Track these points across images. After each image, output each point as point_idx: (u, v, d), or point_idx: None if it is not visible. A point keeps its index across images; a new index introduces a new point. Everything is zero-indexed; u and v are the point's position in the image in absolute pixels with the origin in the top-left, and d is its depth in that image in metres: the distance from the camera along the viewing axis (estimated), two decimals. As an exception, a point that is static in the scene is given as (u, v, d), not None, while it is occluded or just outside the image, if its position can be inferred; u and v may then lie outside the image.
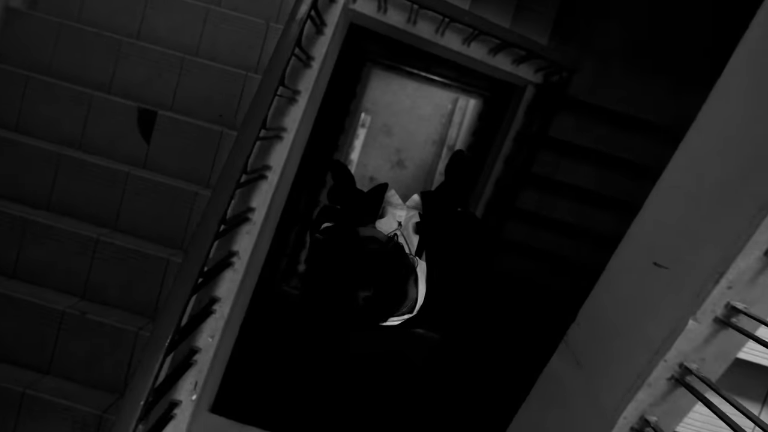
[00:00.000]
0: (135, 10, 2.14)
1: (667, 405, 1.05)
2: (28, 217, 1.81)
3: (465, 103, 4.68)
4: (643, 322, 1.10)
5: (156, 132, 1.97)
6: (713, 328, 0.95)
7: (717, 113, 1.10)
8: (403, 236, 1.12)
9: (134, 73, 2.05)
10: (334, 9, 2.06)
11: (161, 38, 2.13)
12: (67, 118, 1.97)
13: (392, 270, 0.86)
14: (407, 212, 1.25)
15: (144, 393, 1.25)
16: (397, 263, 0.88)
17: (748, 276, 0.90)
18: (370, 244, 0.87)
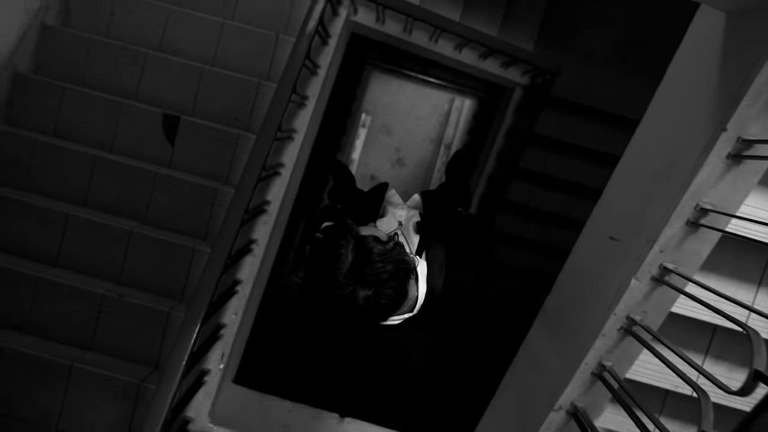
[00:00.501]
0: (157, 25, 2.39)
1: (619, 352, 1.29)
2: (69, 213, 2.05)
3: (461, 103, 4.92)
4: (601, 286, 1.34)
5: (179, 135, 2.22)
6: (651, 286, 1.19)
7: (655, 116, 1.35)
8: (403, 236, 1.15)
9: (158, 82, 2.30)
10: (337, 22, 2.31)
11: (181, 50, 2.38)
12: (100, 123, 2.22)
13: (393, 269, 0.86)
14: (408, 212, 1.27)
15: (185, 355, 1.49)
16: (398, 262, 0.88)
17: (674, 242, 1.14)
18: (371, 243, 0.88)
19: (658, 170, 1.24)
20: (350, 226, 0.92)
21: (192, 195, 2.15)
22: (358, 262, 0.84)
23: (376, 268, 0.84)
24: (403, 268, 0.89)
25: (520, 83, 2.82)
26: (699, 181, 1.08)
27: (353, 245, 0.87)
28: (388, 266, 0.85)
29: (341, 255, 0.85)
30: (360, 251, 0.86)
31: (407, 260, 0.92)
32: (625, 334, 1.26)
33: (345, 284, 0.83)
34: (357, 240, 0.88)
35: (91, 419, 1.91)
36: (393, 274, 0.86)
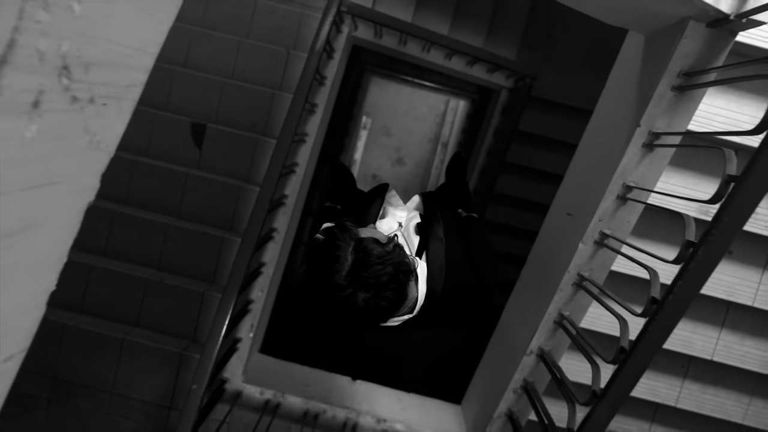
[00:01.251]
0: (181, 44, 2.75)
1: (574, 303, 1.64)
2: (115, 210, 2.42)
3: (456, 104, 5.27)
4: (560, 252, 1.70)
5: (206, 140, 2.58)
6: (594, 248, 1.54)
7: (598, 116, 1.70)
8: (403, 237, 1.16)
9: (185, 94, 2.66)
10: (340, 38, 2.67)
11: (204, 66, 2.74)
12: (136, 132, 2.58)
13: (392, 271, 0.87)
14: (408, 213, 1.29)
15: (224, 324, 1.85)
16: (398, 264, 0.89)
17: (609, 213, 1.49)
18: (370, 245, 0.88)
19: (599, 158, 1.59)
20: (349, 227, 0.92)
21: (219, 192, 2.51)
22: (357, 264, 0.85)
23: (375, 270, 0.85)
24: (403, 270, 0.90)
25: (504, 86, 3.17)
26: (623, 164, 1.43)
27: (353, 247, 0.87)
28: (387, 268, 0.86)
29: (340, 257, 0.86)
30: (359, 253, 0.86)
31: (407, 262, 0.93)
32: (577, 288, 1.61)
33: (344, 286, 0.84)
34: (356, 242, 0.88)
35: (141, 383, 2.28)
36: (393, 276, 0.87)
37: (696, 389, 1.91)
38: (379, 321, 0.91)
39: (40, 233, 0.66)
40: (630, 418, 2.01)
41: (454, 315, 1.08)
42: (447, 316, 1.06)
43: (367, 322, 0.89)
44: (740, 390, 1.91)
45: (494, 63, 2.75)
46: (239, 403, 2.17)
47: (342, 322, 0.89)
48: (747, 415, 1.91)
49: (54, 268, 0.71)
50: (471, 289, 1.07)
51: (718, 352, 1.82)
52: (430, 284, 1.01)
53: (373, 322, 0.90)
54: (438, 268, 1.04)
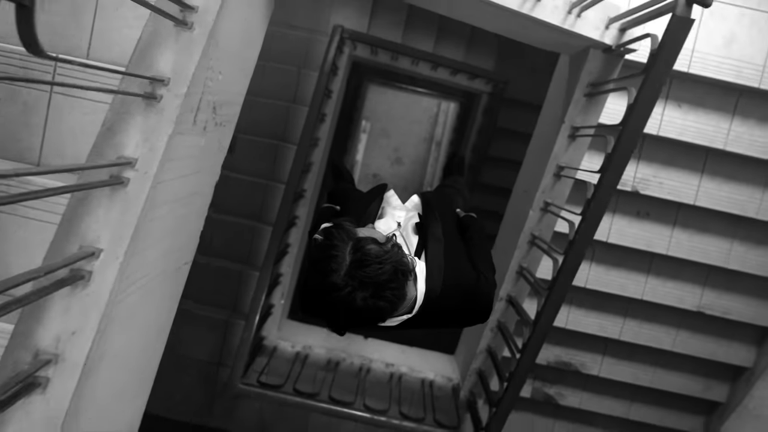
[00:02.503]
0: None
1: (530, 257, 2.21)
2: (166, 207, 3.01)
3: (447, 106, 5.85)
4: (519, 220, 2.27)
5: (237, 147, 3.17)
6: (541, 214, 2.12)
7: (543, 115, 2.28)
8: (402, 236, 1.16)
9: (217, 111, 3.26)
10: (343, 58, 3.26)
11: (230, 86, 3.33)
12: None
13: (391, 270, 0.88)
14: (406, 213, 1.31)
15: (264, 291, 2.43)
16: (396, 263, 0.90)
17: (549, 186, 2.06)
18: (369, 245, 0.89)
19: (542, 147, 2.17)
20: (348, 227, 0.94)
21: (249, 189, 3.09)
22: (355, 263, 0.87)
23: (373, 270, 0.86)
24: (402, 269, 0.91)
25: (484, 90, 3.75)
26: (556, 151, 2.00)
27: (351, 247, 0.89)
28: (386, 267, 0.87)
29: (338, 257, 0.87)
30: (357, 253, 0.88)
31: (405, 261, 0.93)
32: (531, 245, 2.19)
33: (343, 286, 0.85)
34: (354, 242, 0.90)
35: (197, 344, 2.86)
36: (391, 276, 0.88)
37: (633, 325, 2.48)
38: (377, 320, 0.92)
39: (198, 198, 1.27)
40: (583, 351, 2.58)
41: (453, 315, 1.10)
42: (446, 316, 1.08)
43: (365, 322, 0.90)
44: (669, 324, 2.48)
45: (470, 72, 3.33)
46: (275, 355, 2.74)
47: (340, 322, 0.90)
48: (675, 343, 2.48)
49: (203, 218, 1.31)
50: (470, 289, 1.08)
51: (647, 293, 2.39)
52: (429, 284, 1.03)
53: (371, 321, 0.91)
54: (437, 268, 1.06)
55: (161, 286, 1.22)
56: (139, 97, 0.98)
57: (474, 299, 1.09)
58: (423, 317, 1.03)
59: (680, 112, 2.06)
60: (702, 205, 2.19)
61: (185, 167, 1.12)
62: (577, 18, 1.67)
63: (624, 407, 2.73)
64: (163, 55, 1.03)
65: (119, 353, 1.01)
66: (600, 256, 2.37)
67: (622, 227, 2.28)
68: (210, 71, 1.12)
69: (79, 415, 0.89)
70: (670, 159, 2.16)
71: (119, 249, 0.92)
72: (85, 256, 0.89)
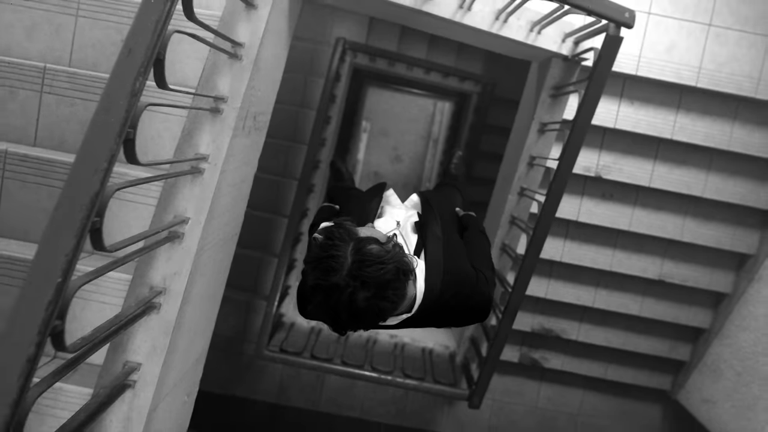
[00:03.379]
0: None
1: (511, 235, 2.61)
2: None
3: (442, 105, 6.26)
4: (501, 204, 2.67)
5: (251, 149, 3.59)
6: (518, 198, 2.52)
7: (519, 113, 2.70)
8: (401, 236, 1.17)
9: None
10: (345, 65, 3.68)
11: (244, 93, 3.75)
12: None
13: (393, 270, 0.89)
14: (406, 212, 1.32)
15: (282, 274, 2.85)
16: (398, 263, 0.91)
17: (524, 174, 2.47)
18: (370, 244, 0.90)
19: (518, 141, 2.59)
20: (349, 227, 0.95)
21: (265, 184, 3.51)
22: (357, 263, 0.88)
23: (375, 270, 0.87)
24: (403, 269, 0.92)
25: (474, 91, 4.17)
26: (528, 143, 2.41)
27: (352, 247, 0.90)
28: (388, 268, 0.88)
29: (340, 256, 0.88)
30: (359, 253, 0.89)
31: (407, 261, 0.94)
32: (511, 225, 2.59)
33: (344, 286, 0.86)
34: (356, 242, 0.91)
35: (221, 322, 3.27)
36: (393, 276, 0.89)
37: (605, 294, 2.89)
38: (378, 320, 0.93)
39: (244, 185, 1.69)
40: (563, 318, 2.99)
41: (452, 313, 1.11)
42: (445, 314, 1.09)
43: (366, 322, 0.91)
44: (635, 292, 2.89)
45: (462, 75, 3.74)
46: (293, 330, 3.16)
47: (342, 322, 0.90)
48: (642, 309, 2.89)
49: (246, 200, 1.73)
50: (469, 288, 1.10)
51: (614, 265, 2.79)
52: (428, 283, 1.04)
53: (372, 321, 0.92)
54: (436, 267, 1.07)
55: (222, 249, 1.64)
56: (208, 111, 1.40)
57: (473, 298, 1.10)
58: (422, 316, 1.05)
59: (633, 108, 2.47)
60: (656, 186, 2.60)
61: (238, 161, 1.53)
62: (537, 34, 2.08)
63: (601, 368, 3.14)
64: (222, 80, 1.45)
65: (198, 293, 1.43)
66: (572, 234, 2.78)
67: (590, 208, 2.69)
68: (253, 89, 1.54)
69: (179, 329, 1.31)
70: (628, 148, 2.57)
71: (201, 217, 1.33)
72: (179, 222, 1.31)
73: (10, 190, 1.49)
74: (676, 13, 2.35)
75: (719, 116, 2.46)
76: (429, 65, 3.72)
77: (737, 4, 2.33)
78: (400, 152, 7.07)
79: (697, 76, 2.36)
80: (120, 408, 1.19)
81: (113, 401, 1.16)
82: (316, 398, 3.37)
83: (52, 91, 1.59)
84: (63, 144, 1.60)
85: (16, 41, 1.68)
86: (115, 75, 0.94)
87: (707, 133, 2.47)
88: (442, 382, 2.78)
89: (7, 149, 1.49)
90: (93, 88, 1.59)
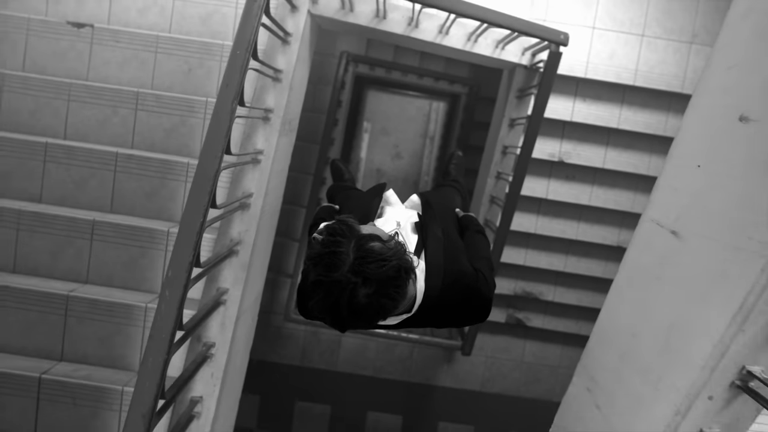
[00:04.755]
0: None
1: (491, 212, 3.24)
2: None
3: (437, 105, 6.91)
4: (483, 186, 3.30)
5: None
6: (495, 180, 3.15)
7: (495, 112, 3.34)
8: (401, 236, 1.18)
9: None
10: (348, 74, 4.33)
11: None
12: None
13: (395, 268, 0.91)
14: (406, 212, 1.35)
15: (305, 249, 3.49)
16: (400, 261, 0.92)
17: (499, 160, 3.10)
18: (372, 242, 0.92)
19: (495, 133, 3.21)
20: (351, 224, 0.96)
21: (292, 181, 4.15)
22: (359, 260, 0.89)
23: (377, 267, 0.89)
24: (405, 267, 0.94)
25: (463, 92, 4.81)
26: (501, 135, 3.04)
27: (354, 243, 0.92)
28: (390, 265, 0.91)
29: (342, 253, 0.90)
30: (361, 250, 0.91)
31: (408, 259, 0.96)
32: (491, 204, 3.22)
33: (346, 282, 0.88)
34: (358, 238, 0.93)
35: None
36: (395, 273, 0.91)
37: (574, 260, 3.51)
38: (379, 318, 0.95)
39: (283, 172, 2.34)
40: (540, 282, 3.62)
41: (452, 314, 1.13)
42: (444, 314, 1.11)
43: (367, 319, 0.93)
44: (599, 258, 3.51)
45: (450, 78, 4.39)
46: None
47: (342, 319, 0.92)
48: (605, 272, 3.51)
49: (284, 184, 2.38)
50: (469, 289, 1.11)
51: (579, 235, 3.42)
52: (429, 283, 1.06)
53: (373, 319, 0.94)
54: (436, 267, 1.09)
55: (271, 216, 2.29)
56: (260, 119, 2.04)
57: (473, 299, 1.12)
58: (422, 316, 1.07)
59: (585, 105, 3.11)
60: (610, 168, 3.23)
61: (281, 154, 2.18)
62: (502, 50, 2.72)
63: (576, 325, 3.77)
64: (269, 97, 2.09)
65: (259, 245, 2.07)
66: (544, 210, 3.42)
67: (556, 188, 3.33)
68: (289, 103, 2.18)
69: (250, 268, 1.95)
70: (584, 137, 3.21)
71: (261, 192, 1.98)
72: (246, 196, 1.95)
73: (122, 181, 2.13)
74: (615, 27, 2.99)
75: (656, 109, 3.09)
76: (421, 71, 4.37)
77: (664, 18, 2.97)
78: (400, 149, 7.71)
79: (634, 77, 3.00)
80: (216, 317, 1.83)
81: (212, 312, 1.80)
82: (334, 360, 4.01)
83: (143, 108, 2.24)
84: (153, 146, 2.25)
85: (112, 73, 2.34)
86: (220, 99, 1.58)
87: (647, 123, 3.11)
88: (440, 337, 3.42)
89: (117, 151, 2.14)
90: (172, 105, 2.24)
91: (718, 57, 1.27)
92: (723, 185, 1.12)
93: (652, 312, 1.33)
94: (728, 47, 1.26)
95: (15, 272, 2.03)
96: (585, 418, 1.49)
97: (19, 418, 1.82)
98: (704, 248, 1.12)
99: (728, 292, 1.04)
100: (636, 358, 1.32)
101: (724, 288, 1.04)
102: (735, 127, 1.10)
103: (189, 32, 2.43)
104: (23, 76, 2.25)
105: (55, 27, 2.34)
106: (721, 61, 1.25)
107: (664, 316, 1.23)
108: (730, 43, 1.25)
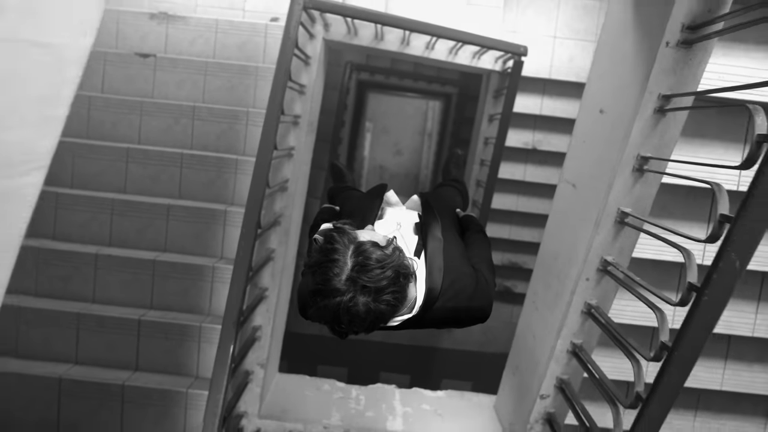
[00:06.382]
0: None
1: (476, 195, 3.94)
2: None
3: (434, 104, 7.61)
4: (470, 171, 4.00)
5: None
6: (480, 167, 3.85)
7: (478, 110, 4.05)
8: (402, 237, 1.21)
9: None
10: (352, 81, 5.05)
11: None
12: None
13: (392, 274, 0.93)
14: (406, 213, 1.39)
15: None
16: (398, 267, 0.95)
17: (481, 150, 3.80)
18: (370, 249, 0.94)
19: (477, 127, 3.92)
20: (348, 230, 0.99)
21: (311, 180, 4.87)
22: (357, 268, 0.92)
23: (375, 274, 0.92)
24: (404, 272, 0.97)
25: (453, 92, 5.53)
26: (482, 129, 3.75)
27: (352, 251, 0.94)
28: (387, 272, 0.93)
29: (339, 261, 0.92)
30: (359, 257, 0.93)
31: (407, 264, 1.00)
32: (477, 187, 3.92)
33: (344, 291, 0.90)
34: (356, 246, 0.95)
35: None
36: (393, 280, 0.94)
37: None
38: (378, 324, 0.98)
39: (307, 164, 3.07)
40: (524, 254, 4.32)
41: (453, 315, 1.15)
42: (445, 315, 1.14)
43: (367, 326, 0.96)
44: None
45: (441, 81, 5.10)
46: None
47: (343, 327, 0.94)
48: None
49: (309, 171, 3.11)
50: (469, 289, 1.14)
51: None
52: (429, 284, 1.10)
53: (373, 325, 0.97)
54: (436, 268, 1.13)
55: (301, 197, 3.01)
56: (291, 123, 2.76)
57: (473, 299, 1.14)
58: (423, 317, 1.10)
59: (552, 100, 3.81)
60: (575, 152, 3.92)
61: (306, 149, 2.89)
62: (478, 59, 3.41)
63: (556, 290, 4.45)
64: (296, 106, 2.80)
65: (294, 219, 2.78)
66: (523, 191, 4.12)
67: (532, 171, 4.03)
68: (311, 109, 2.89)
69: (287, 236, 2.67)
70: (553, 127, 3.91)
71: (295, 178, 2.69)
72: (284, 181, 2.67)
73: (186, 174, 2.85)
74: (572, 35, 3.70)
75: (611, 101, 3.78)
76: (415, 76, 5.09)
77: (612, 27, 3.66)
78: (401, 147, 8.42)
79: (590, 77, 3.69)
80: (267, 269, 2.55)
81: (265, 265, 2.52)
82: (349, 329, 4.71)
83: (199, 118, 2.96)
84: (207, 147, 2.97)
85: (171, 91, 3.06)
86: (268, 112, 2.29)
87: (604, 113, 3.79)
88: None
89: (182, 152, 2.86)
90: (220, 115, 2.96)
91: (594, 68, 1.99)
92: (592, 152, 1.83)
93: (564, 239, 2.05)
94: (596, 62, 1.98)
95: (111, 245, 2.75)
96: (530, 319, 2.21)
97: (125, 350, 2.54)
98: (582, 192, 1.82)
99: (591, 214, 1.70)
100: (556, 269, 2.04)
101: (589, 213, 1.73)
102: (597, 117, 1.81)
103: (229, 57, 3.15)
104: (105, 97, 2.98)
105: (126, 57, 3.07)
106: (594, 71, 1.96)
107: (569, 239, 1.93)
108: (598, 59, 1.97)
